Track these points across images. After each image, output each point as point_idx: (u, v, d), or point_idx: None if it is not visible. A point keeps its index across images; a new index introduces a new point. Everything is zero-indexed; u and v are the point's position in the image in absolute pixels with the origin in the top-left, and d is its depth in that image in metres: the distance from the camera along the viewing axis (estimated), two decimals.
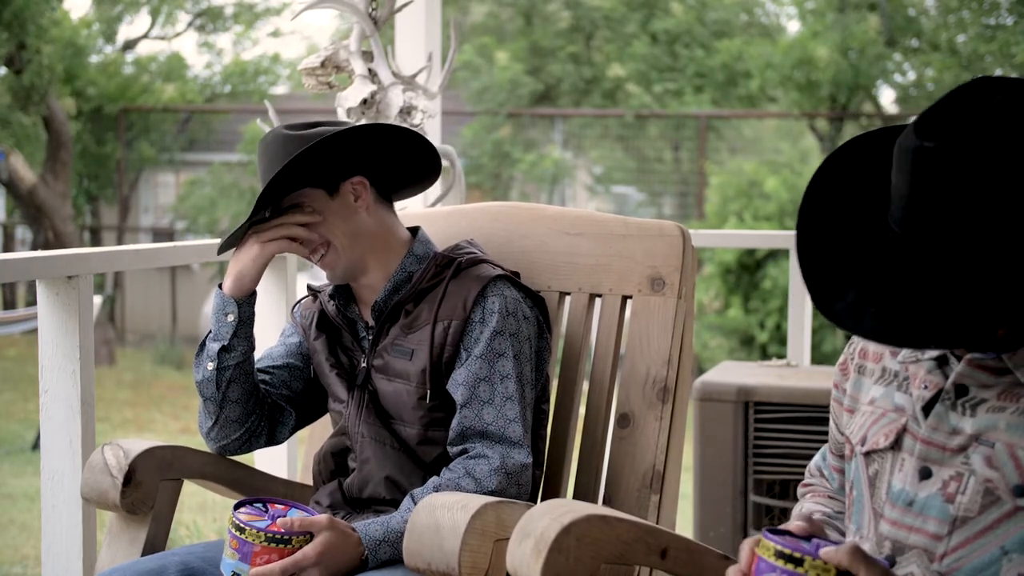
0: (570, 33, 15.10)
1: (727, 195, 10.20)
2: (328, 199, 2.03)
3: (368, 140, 2.05)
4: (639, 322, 2.13)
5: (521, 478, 1.94)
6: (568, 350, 2.21)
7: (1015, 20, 11.27)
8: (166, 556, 1.96)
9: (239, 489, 2.21)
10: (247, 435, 2.10)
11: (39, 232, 11.95)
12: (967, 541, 1.39)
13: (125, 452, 2.04)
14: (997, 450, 1.38)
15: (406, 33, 3.58)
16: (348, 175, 2.04)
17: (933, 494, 1.42)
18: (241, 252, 2.05)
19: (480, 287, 1.99)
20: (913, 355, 1.49)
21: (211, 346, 2.04)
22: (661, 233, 2.14)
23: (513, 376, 1.97)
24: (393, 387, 2.03)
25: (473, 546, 1.68)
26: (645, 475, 2.07)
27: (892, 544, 1.44)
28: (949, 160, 1.29)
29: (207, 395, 2.05)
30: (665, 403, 2.08)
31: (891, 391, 1.52)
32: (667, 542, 1.63)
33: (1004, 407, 1.39)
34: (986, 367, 1.41)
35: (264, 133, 2.08)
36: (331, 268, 2.06)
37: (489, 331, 1.97)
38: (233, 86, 15.20)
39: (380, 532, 1.88)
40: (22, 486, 6.73)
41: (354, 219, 2.04)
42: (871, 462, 1.51)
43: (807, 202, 1.46)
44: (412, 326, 2.02)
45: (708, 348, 9.94)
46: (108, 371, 11.06)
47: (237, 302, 2.04)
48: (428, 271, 2.04)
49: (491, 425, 1.95)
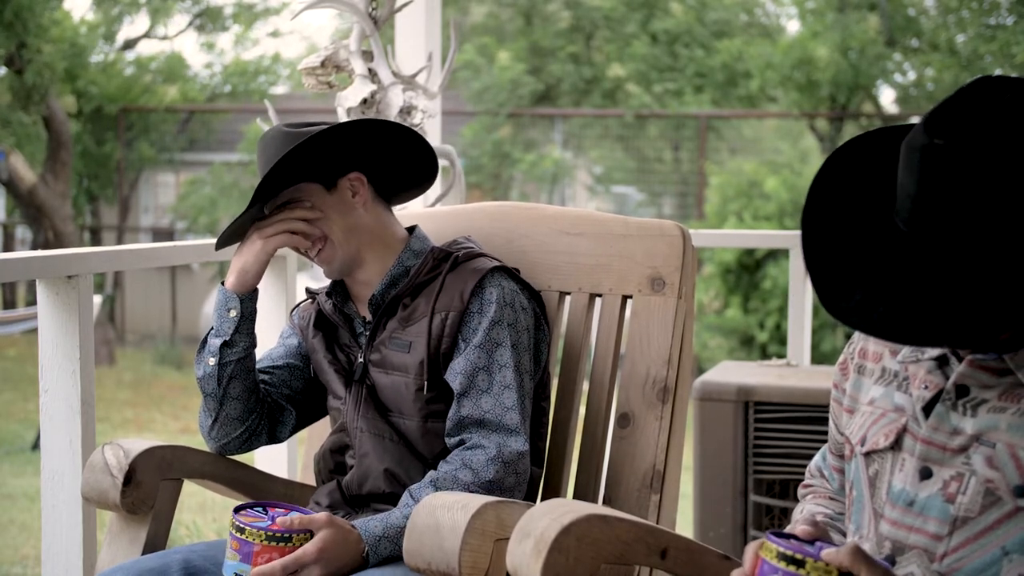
0: (570, 33, 15.10)
1: (727, 195, 10.20)
2: (325, 194, 2.04)
3: (366, 137, 2.06)
4: (639, 322, 2.13)
5: (519, 466, 1.94)
6: (568, 350, 2.21)
7: (1015, 20, 11.26)
8: (168, 555, 1.96)
9: (239, 489, 2.21)
10: (247, 433, 2.10)
11: (39, 232, 11.94)
12: (967, 541, 1.39)
13: (125, 452, 2.04)
14: (998, 450, 1.38)
15: (406, 33, 3.58)
16: (346, 171, 2.06)
17: (934, 494, 1.42)
18: (244, 248, 2.06)
19: (478, 278, 2.00)
20: (913, 355, 1.49)
21: (213, 342, 2.05)
22: (661, 233, 2.14)
23: (511, 365, 1.98)
24: (391, 380, 2.03)
25: (473, 546, 1.68)
26: (645, 475, 2.07)
27: (892, 544, 1.44)
28: (958, 158, 1.29)
29: (208, 391, 2.06)
30: (665, 403, 2.08)
31: (891, 391, 1.52)
32: (667, 542, 1.63)
33: (1005, 407, 1.39)
34: (987, 367, 1.41)
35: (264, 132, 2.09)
36: (328, 263, 2.07)
37: (487, 321, 1.98)
38: (233, 86, 15.20)
39: (380, 528, 1.88)
40: (22, 486, 6.73)
41: (351, 214, 2.05)
42: (871, 462, 1.51)
43: (811, 202, 1.46)
44: (410, 319, 2.03)
45: (708, 348, 9.95)
46: (108, 371, 11.06)
47: (240, 297, 2.05)
48: (425, 265, 2.06)
49: (488, 413, 1.95)
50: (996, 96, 1.31)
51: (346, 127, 2.02)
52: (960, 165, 1.30)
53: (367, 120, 2.06)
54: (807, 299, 3.84)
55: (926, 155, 1.31)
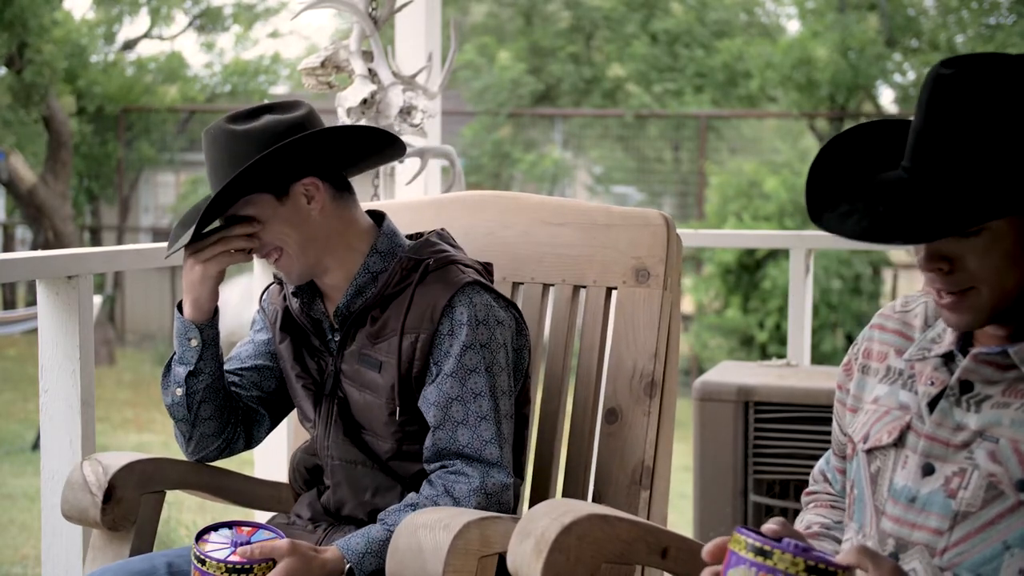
0: (570, 33, 15.10)
1: (727, 195, 10.19)
2: (277, 204, 1.90)
3: (319, 142, 1.91)
4: (624, 314, 2.07)
5: (502, 497, 1.87)
6: (553, 344, 2.16)
7: (1015, 20, 11.26)
8: (155, 557, 1.94)
9: (223, 495, 2.19)
10: (224, 443, 2.06)
11: (39, 232, 11.94)
12: (968, 536, 1.39)
13: (104, 468, 1.99)
14: (1001, 446, 1.38)
15: (406, 33, 3.57)
16: (298, 176, 1.90)
17: (935, 490, 1.42)
18: (187, 275, 1.95)
19: (447, 296, 1.88)
20: (920, 352, 1.50)
21: (177, 370, 1.97)
22: (645, 223, 2.07)
23: (487, 394, 1.88)
24: (363, 399, 1.95)
25: (456, 566, 1.64)
26: (634, 471, 2.02)
27: (896, 541, 1.45)
28: (964, 84, 1.33)
29: (179, 418, 1.99)
30: (653, 397, 2.03)
31: (896, 389, 1.52)
32: (668, 541, 1.63)
33: (1009, 403, 1.40)
34: (992, 363, 1.42)
35: (204, 129, 1.94)
36: (286, 273, 1.96)
37: (459, 345, 1.87)
38: (233, 86, 15.19)
39: (362, 544, 1.82)
40: (22, 486, 6.73)
41: (305, 224, 1.91)
42: (873, 459, 1.51)
43: (826, 149, 1.49)
44: (379, 335, 1.92)
45: (708, 348, 9.94)
46: (108, 371, 11.06)
47: (199, 326, 1.96)
48: (394, 275, 1.93)
49: (467, 447, 1.87)
50: (1005, 54, 1.37)
51: (296, 143, 1.85)
52: (966, 91, 1.33)
53: (317, 132, 1.89)
54: (807, 299, 3.84)
55: (935, 83, 1.35)
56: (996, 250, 1.36)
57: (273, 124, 1.87)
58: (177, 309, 1.98)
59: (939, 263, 1.38)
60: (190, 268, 1.94)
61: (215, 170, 1.89)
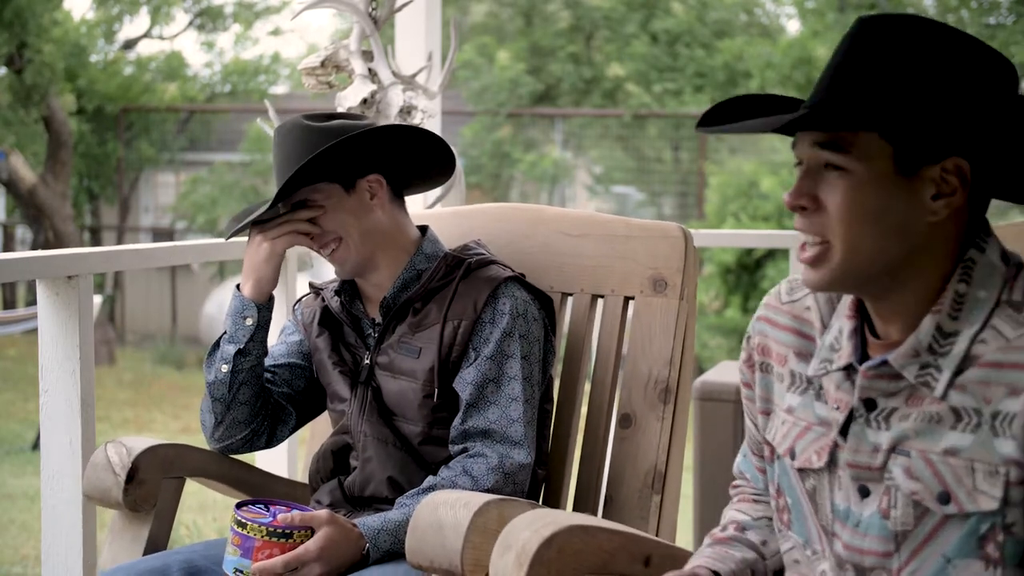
0: (570, 33, 15.10)
1: (727, 195, 10.20)
2: (344, 195, 2.03)
3: (387, 139, 2.06)
4: (641, 323, 2.13)
5: (518, 477, 1.94)
6: (570, 351, 2.22)
7: (1015, 20, 11.26)
8: (169, 555, 1.96)
9: (241, 488, 2.22)
10: (251, 435, 2.11)
11: (39, 232, 11.95)
12: (915, 554, 1.36)
13: (128, 450, 2.04)
14: (914, 459, 1.35)
15: (406, 33, 3.58)
16: (365, 172, 2.04)
17: (873, 512, 1.39)
18: (252, 254, 2.05)
19: (491, 288, 2.00)
20: (823, 366, 1.45)
21: (227, 348, 2.05)
22: (664, 234, 2.14)
23: (520, 377, 1.98)
24: (398, 385, 2.03)
25: (475, 543, 1.68)
26: (647, 476, 2.07)
27: (855, 568, 1.41)
28: (883, 27, 1.33)
29: (218, 396, 2.05)
30: (667, 404, 2.09)
31: (809, 401, 1.47)
32: (650, 549, 1.63)
33: (910, 413, 1.36)
34: (882, 375, 1.38)
35: (276, 126, 2.07)
36: (341, 263, 2.06)
37: (499, 332, 1.98)
38: (233, 85, 15.20)
39: (378, 522, 1.90)
40: (22, 486, 6.73)
41: (368, 217, 2.04)
42: (806, 477, 1.47)
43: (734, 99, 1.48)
44: (420, 325, 2.02)
45: (708, 348, 9.95)
46: (108, 371, 11.06)
47: (257, 306, 2.05)
48: (438, 270, 2.05)
49: (494, 424, 1.96)
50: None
51: (371, 134, 2.01)
52: (882, 33, 1.32)
53: (392, 126, 2.05)
54: None
55: (854, 28, 1.35)
56: (854, 199, 1.34)
57: (347, 125, 2.01)
58: (236, 289, 2.07)
59: (803, 199, 1.36)
60: (257, 246, 2.04)
61: (287, 158, 1.99)
